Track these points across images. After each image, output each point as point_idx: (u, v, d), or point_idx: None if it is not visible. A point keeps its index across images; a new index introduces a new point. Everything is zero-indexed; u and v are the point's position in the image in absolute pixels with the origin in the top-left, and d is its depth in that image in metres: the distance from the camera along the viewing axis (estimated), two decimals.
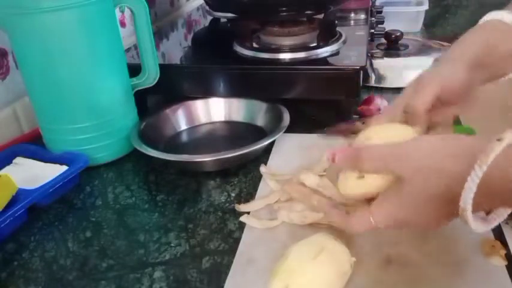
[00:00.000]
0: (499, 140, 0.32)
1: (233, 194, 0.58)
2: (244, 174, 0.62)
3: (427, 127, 0.46)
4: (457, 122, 0.51)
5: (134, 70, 0.71)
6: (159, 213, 0.56)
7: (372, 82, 0.84)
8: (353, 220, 0.41)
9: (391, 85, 0.83)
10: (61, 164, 0.62)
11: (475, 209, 0.34)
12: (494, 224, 0.37)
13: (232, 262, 0.46)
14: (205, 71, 0.75)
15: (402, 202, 0.37)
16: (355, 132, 0.45)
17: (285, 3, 0.75)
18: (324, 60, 0.74)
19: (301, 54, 0.74)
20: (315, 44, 0.77)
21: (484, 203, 0.34)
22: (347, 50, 0.76)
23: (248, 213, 0.53)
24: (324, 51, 0.75)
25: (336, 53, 0.75)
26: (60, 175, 0.58)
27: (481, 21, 0.49)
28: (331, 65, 0.73)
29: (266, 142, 0.62)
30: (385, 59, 0.93)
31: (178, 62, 0.82)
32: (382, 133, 0.43)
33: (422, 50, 0.96)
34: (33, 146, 0.67)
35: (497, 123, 0.61)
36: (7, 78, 0.73)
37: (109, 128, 0.65)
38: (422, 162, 0.36)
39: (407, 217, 0.38)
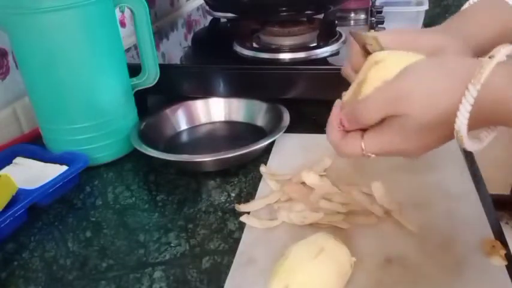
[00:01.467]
0: (490, 57, 0.33)
1: (233, 194, 0.58)
2: (244, 174, 0.62)
3: None
4: None
5: (134, 70, 0.71)
6: (159, 213, 0.56)
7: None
8: (344, 143, 0.40)
9: None
10: (61, 164, 0.62)
11: (469, 130, 0.34)
12: (487, 141, 0.37)
13: (232, 262, 0.46)
14: (205, 71, 0.75)
15: (397, 132, 0.37)
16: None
17: (285, 3, 0.75)
18: (324, 60, 0.74)
19: (301, 54, 0.74)
20: (315, 44, 0.77)
21: (478, 125, 0.35)
22: (347, 50, 0.76)
23: (248, 213, 0.53)
24: (324, 51, 0.75)
25: (336, 53, 0.75)
26: (60, 175, 0.58)
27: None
28: (331, 65, 0.73)
29: (266, 142, 0.62)
30: None
31: (178, 62, 0.82)
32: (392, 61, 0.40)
33: None
34: (33, 146, 0.67)
35: None
36: (7, 78, 0.73)
37: (109, 128, 0.65)
38: (421, 97, 0.35)
39: (399, 145, 0.38)
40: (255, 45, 0.79)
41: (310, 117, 0.74)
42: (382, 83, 0.38)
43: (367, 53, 0.42)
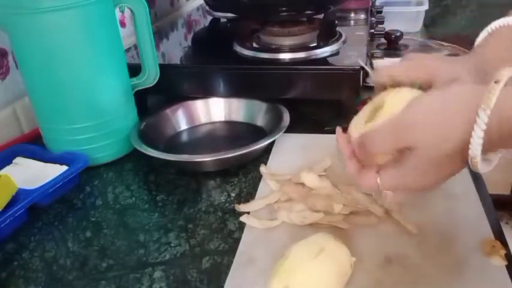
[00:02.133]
0: (496, 82, 0.33)
1: (233, 194, 0.58)
2: (244, 174, 0.62)
3: None
4: None
5: (134, 70, 0.71)
6: (159, 213, 0.56)
7: (372, 82, 0.84)
8: (361, 176, 0.41)
9: None
10: (61, 164, 0.62)
11: (483, 154, 0.34)
12: (496, 160, 0.37)
13: (232, 262, 0.46)
14: (205, 71, 0.75)
15: (409, 166, 0.37)
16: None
17: (285, 3, 0.75)
18: (324, 60, 0.74)
19: (301, 54, 0.74)
20: (315, 44, 0.77)
21: (492, 148, 0.35)
22: (347, 50, 0.76)
23: (248, 213, 0.53)
24: (324, 51, 0.75)
25: (336, 53, 0.75)
26: (60, 175, 0.58)
27: (492, 26, 0.48)
28: (331, 65, 0.73)
29: (266, 142, 0.62)
30: (385, 59, 0.92)
31: (178, 62, 0.82)
32: (392, 102, 0.41)
33: (422, 50, 0.96)
34: (33, 146, 0.67)
35: None
36: (7, 78, 0.73)
37: (109, 128, 0.65)
38: (428, 128, 0.35)
39: (413, 181, 0.38)
40: (255, 45, 0.79)
41: (310, 117, 0.74)
42: (390, 115, 0.38)
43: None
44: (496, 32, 0.47)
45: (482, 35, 0.48)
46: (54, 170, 0.60)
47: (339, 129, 0.45)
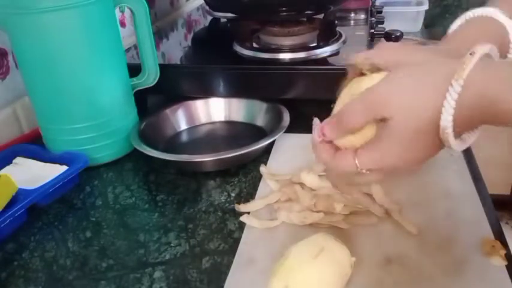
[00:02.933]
0: (471, 53, 0.33)
1: (233, 194, 0.58)
2: (244, 174, 0.62)
3: None
4: None
5: (134, 70, 0.71)
6: (159, 213, 0.56)
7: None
8: (337, 158, 0.40)
9: None
10: (61, 164, 0.62)
11: (456, 132, 0.34)
12: (471, 141, 0.37)
13: (232, 262, 0.46)
14: (205, 71, 0.75)
15: (386, 143, 0.37)
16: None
17: (285, 3, 0.75)
18: (324, 60, 0.74)
19: (301, 54, 0.74)
20: (315, 44, 0.77)
21: (465, 124, 0.34)
22: (347, 50, 0.76)
23: (248, 213, 0.53)
24: (324, 51, 0.75)
25: (336, 53, 0.75)
26: (60, 175, 0.58)
27: (471, 14, 0.47)
28: (331, 65, 0.73)
29: (266, 142, 0.62)
30: None
31: (178, 62, 0.82)
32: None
33: None
34: (33, 146, 0.67)
35: None
36: (7, 78, 0.73)
37: (109, 128, 0.65)
38: (402, 99, 0.35)
39: (391, 158, 0.37)
40: (255, 45, 0.79)
41: (310, 117, 0.74)
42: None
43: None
44: (470, 21, 0.46)
45: (456, 23, 0.47)
46: (54, 170, 0.60)
47: (316, 119, 0.44)
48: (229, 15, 0.94)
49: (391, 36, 0.95)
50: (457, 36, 0.46)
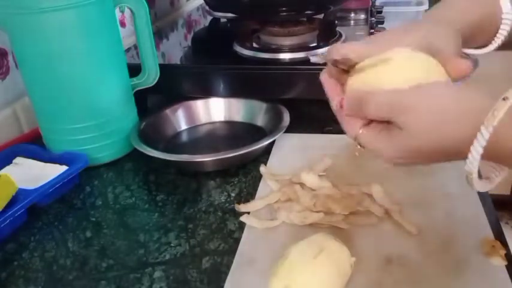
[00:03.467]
0: (504, 99, 0.31)
1: (233, 194, 0.58)
2: (244, 174, 0.62)
3: None
4: None
5: (134, 70, 0.71)
6: (159, 213, 0.56)
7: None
8: (347, 120, 0.39)
9: None
10: (61, 164, 0.61)
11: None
12: (497, 181, 0.36)
13: (232, 262, 0.46)
14: (205, 71, 0.75)
15: (392, 142, 0.36)
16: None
17: (285, 3, 0.75)
18: None
19: (301, 54, 0.74)
20: (315, 44, 0.77)
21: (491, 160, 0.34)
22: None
23: (248, 213, 0.53)
24: (324, 51, 0.75)
25: None
26: (60, 175, 0.58)
27: None
28: None
29: (266, 142, 0.62)
30: None
31: (178, 62, 0.82)
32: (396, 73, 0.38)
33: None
34: (33, 146, 0.67)
35: None
36: (7, 78, 0.73)
37: (109, 128, 0.65)
38: (428, 121, 0.34)
39: (388, 152, 0.37)
40: (255, 45, 0.79)
41: (310, 117, 0.74)
42: (395, 87, 0.36)
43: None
44: None
45: None
46: (54, 170, 0.60)
47: (325, 74, 0.42)
48: (229, 15, 0.94)
49: None
50: (445, 3, 0.45)
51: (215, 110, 0.76)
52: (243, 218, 0.52)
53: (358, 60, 0.39)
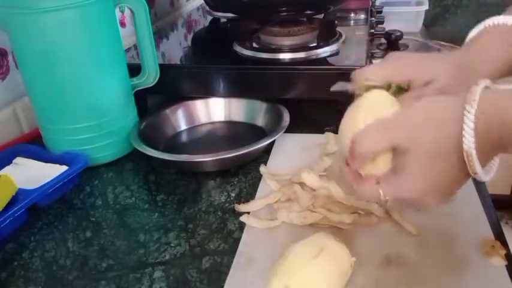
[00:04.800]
0: (476, 84, 0.34)
1: (233, 194, 0.58)
2: (244, 174, 0.62)
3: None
4: None
5: (134, 70, 0.71)
6: (159, 213, 0.56)
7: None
8: (363, 186, 0.40)
9: None
10: (61, 164, 0.62)
11: (481, 162, 0.34)
12: (495, 169, 0.37)
13: (232, 262, 0.46)
14: (205, 71, 0.75)
15: (407, 171, 0.37)
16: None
17: (285, 3, 0.75)
18: (324, 60, 0.74)
19: (301, 54, 0.74)
20: (315, 44, 0.77)
21: (487, 149, 0.34)
22: (347, 50, 0.76)
23: (248, 213, 0.53)
24: (324, 51, 0.75)
25: (336, 53, 0.75)
26: (60, 175, 0.58)
27: (486, 24, 0.46)
28: (331, 65, 0.73)
29: (266, 142, 0.62)
30: None
31: (178, 62, 0.82)
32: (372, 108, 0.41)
33: (422, 50, 0.95)
34: (33, 146, 0.67)
35: None
36: (7, 78, 0.73)
37: (109, 128, 0.65)
38: (418, 124, 0.36)
39: (415, 185, 0.37)
40: (255, 45, 0.79)
41: (310, 117, 0.74)
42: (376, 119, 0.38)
43: None
44: (490, 29, 0.45)
45: (475, 31, 0.46)
46: (54, 170, 0.60)
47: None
48: (229, 15, 0.94)
49: (391, 36, 0.95)
50: (474, 47, 0.46)
51: (215, 110, 0.76)
52: (243, 218, 0.52)
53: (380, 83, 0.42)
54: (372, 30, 0.91)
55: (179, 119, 0.74)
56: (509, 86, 0.35)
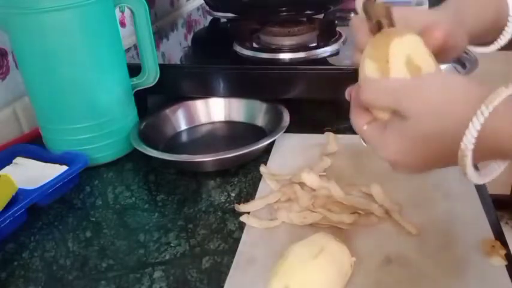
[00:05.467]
0: (506, 87, 0.32)
1: (233, 194, 0.58)
2: (244, 174, 0.62)
3: None
4: None
5: (134, 70, 0.71)
6: (159, 213, 0.56)
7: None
8: (354, 113, 0.40)
9: None
10: (61, 164, 0.62)
11: (474, 161, 0.33)
12: (489, 179, 0.36)
13: (232, 262, 0.46)
14: (205, 71, 0.75)
15: (399, 134, 0.36)
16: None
17: (285, 3, 0.75)
18: (324, 60, 0.74)
19: (301, 54, 0.74)
20: (314, 44, 0.77)
21: (485, 157, 0.34)
22: (347, 50, 0.76)
23: (248, 213, 0.53)
24: (324, 51, 0.75)
25: (335, 53, 0.75)
26: (60, 175, 0.58)
27: None
28: (331, 65, 0.73)
29: (266, 142, 0.62)
30: None
31: (178, 62, 0.82)
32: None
33: None
34: (33, 146, 0.67)
35: None
36: (7, 78, 0.73)
37: (109, 128, 0.65)
38: (431, 103, 0.35)
39: (400, 152, 0.36)
40: (255, 45, 0.79)
41: (310, 117, 0.74)
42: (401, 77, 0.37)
43: (377, 30, 0.41)
44: None
45: None
46: (54, 170, 0.60)
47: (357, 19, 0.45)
48: (229, 15, 0.94)
49: None
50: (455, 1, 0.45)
51: (215, 110, 0.76)
52: (243, 218, 0.52)
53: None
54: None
55: (179, 119, 0.74)
56: None
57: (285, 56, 0.75)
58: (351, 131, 0.45)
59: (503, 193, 1.85)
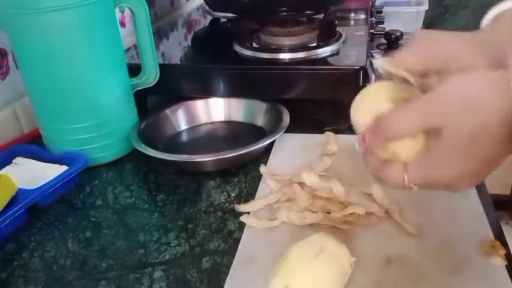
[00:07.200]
0: None
1: (233, 194, 0.58)
2: (244, 174, 0.62)
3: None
4: None
5: (134, 70, 0.71)
6: (159, 213, 0.56)
7: (372, 82, 0.84)
8: (386, 170, 0.37)
9: None
10: (61, 164, 0.62)
11: None
12: None
13: (232, 262, 0.46)
14: (205, 71, 0.75)
15: (440, 154, 0.34)
16: None
17: (285, 3, 0.75)
18: (324, 60, 0.74)
19: (301, 54, 0.74)
20: (314, 44, 0.77)
21: None
22: (347, 50, 0.76)
23: (248, 213, 0.53)
24: (324, 51, 0.75)
25: (336, 53, 0.75)
26: (60, 175, 0.58)
27: (498, 9, 0.43)
28: (331, 65, 0.73)
29: (266, 142, 0.62)
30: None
31: (178, 62, 0.82)
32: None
33: None
34: (33, 146, 0.67)
35: None
36: (7, 78, 0.73)
37: (109, 128, 0.65)
38: (455, 102, 0.33)
39: (445, 172, 0.34)
40: (255, 45, 0.79)
41: (310, 117, 0.74)
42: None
43: None
44: (501, 16, 0.42)
45: (487, 18, 0.43)
46: (54, 170, 0.60)
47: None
48: (229, 15, 0.94)
49: (391, 36, 0.95)
50: (494, 32, 0.42)
51: (215, 110, 0.76)
52: (243, 218, 0.52)
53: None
54: (372, 30, 0.91)
55: (179, 119, 0.74)
56: None
57: (285, 56, 0.75)
58: (350, 131, 0.44)
59: (503, 193, 1.85)
